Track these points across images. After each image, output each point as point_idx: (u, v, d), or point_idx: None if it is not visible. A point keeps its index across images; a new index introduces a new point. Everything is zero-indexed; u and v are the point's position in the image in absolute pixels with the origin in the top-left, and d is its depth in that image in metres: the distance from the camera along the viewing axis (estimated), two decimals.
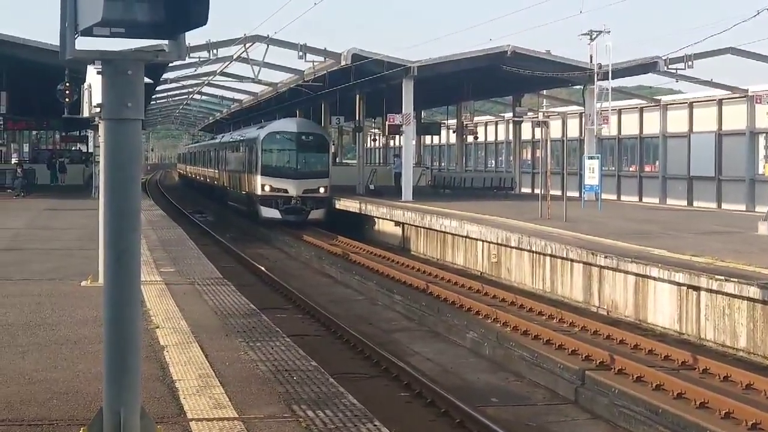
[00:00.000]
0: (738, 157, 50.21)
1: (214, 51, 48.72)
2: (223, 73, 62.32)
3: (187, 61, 48.35)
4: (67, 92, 39.90)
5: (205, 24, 5.76)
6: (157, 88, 64.30)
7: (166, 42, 6.13)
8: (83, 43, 5.96)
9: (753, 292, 19.85)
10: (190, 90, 79.41)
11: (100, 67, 6.25)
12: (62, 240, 29.24)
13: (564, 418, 16.88)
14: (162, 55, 6.24)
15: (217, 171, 70.93)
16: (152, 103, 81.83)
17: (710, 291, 21.45)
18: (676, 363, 19.16)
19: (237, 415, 10.16)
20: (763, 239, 29.04)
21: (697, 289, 21.92)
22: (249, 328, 15.41)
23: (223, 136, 75.92)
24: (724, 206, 49.62)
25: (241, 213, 56.97)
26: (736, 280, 20.47)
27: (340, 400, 10.99)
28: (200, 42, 47.58)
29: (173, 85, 69.95)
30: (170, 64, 45.76)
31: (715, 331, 21.55)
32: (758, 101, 39.74)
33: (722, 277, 20.88)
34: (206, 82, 69.95)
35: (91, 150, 62.30)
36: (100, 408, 6.62)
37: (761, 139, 48.00)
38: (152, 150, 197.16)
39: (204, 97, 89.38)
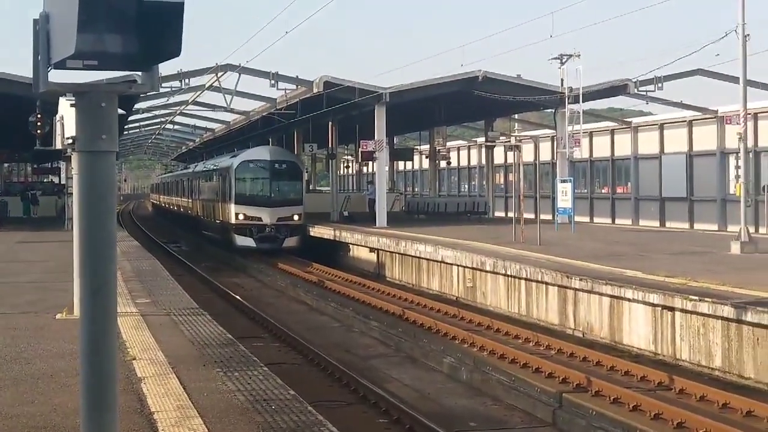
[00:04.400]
0: (709, 178, 50.49)
1: (186, 80, 48.69)
2: (195, 102, 62.33)
3: (159, 91, 48.31)
4: (38, 124, 39.73)
5: (178, 55, 5.77)
6: (129, 118, 64.21)
7: (138, 73, 6.14)
8: (56, 76, 5.96)
9: (727, 311, 19.93)
10: (163, 120, 79.33)
11: (73, 99, 6.25)
12: (36, 273, 29.12)
13: None
14: (135, 86, 6.24)
15: (190, 200, 70.85)
16: (124, 133, 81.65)
17: (685, 311, 21.51)
18: (652, 384, 19.22)
19: None
20: (735, 259, 29.19)
21: (671, 309, 21.99)
22: (226, 357, 15.38)
23: (196, 166, 75.86)
24: (697, 226, 49.87)
25: (216, 242, 56.89)
26: (710, 299, 20.54)
27: (319, 429, 10.97)
28: (172, 72, 47.54)
29: (145, 115, 69.91)
30: (141, 95, 45.68)
31: (690, 351, 21.62)
32: (728, 122, 40.06)
33: (696, 297, 20.96)
34: (178, 111, 69.91)
35: (63, 182, 62.14)
36: None
37: (732, 159, 48.21)
38: (125, 180, 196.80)
39: (176, 127, 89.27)
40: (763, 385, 19.31)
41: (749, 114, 36.35)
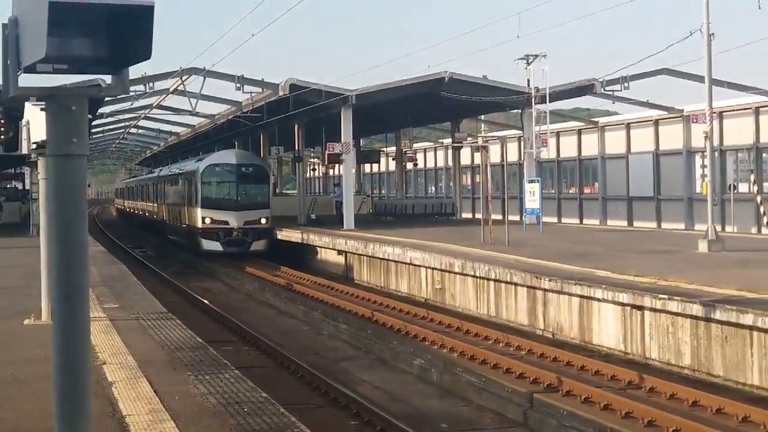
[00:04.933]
0: (676, 177, 50.71)
1: (150, 84, 48.49)
2: (159, 106, 62.04)
3: (130, 93, 48.13)
4: (2, 129, 39.45)
5: (148, 58, 5.74)
6: (94, 123, 63.94)
7: (103, 77, 6.11)
8: (25, 80, 5.93)
9: (696, 309, 20.01)
10: (127, 124, 78.98)
11: (42, 103, 6.21)
12: (2, 279, 28.94)
13: None
14: (106, 90, 6.21)
15: (156, 205, 70.64)
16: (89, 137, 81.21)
17: (654, 310, 21.59)
18: (622, 383, 19.27)
19: None
20: (703, 257, 29.33)
21: (641, 308, 22.05)
22: (196, 361, 15.34)
23: (161, 170, 75.69)
24: (664, 225, 50.07)
25: (182, 246, 56.72)
26: (679, 298, 20.62)
27: (292, 430, 10.95)
28: (136, 76, 47.28)
29: (109, 119, 69.58)
30: (107, 99, 45.52)
31: (659, 350, 21.69)
32: (694, 120, 40.23)
33: (665, 296, 21.03)
34: (143, 115, 69.61)
35: (27, 187, 61.80)
36: None
37: (698, 158, 48.49)
38: (89, 185, 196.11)
39: (141, 131, 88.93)
40: (732, 382, 19.40)
41: (715, 113, 36.55)
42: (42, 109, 6.41)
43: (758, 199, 32.19)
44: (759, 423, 15.69)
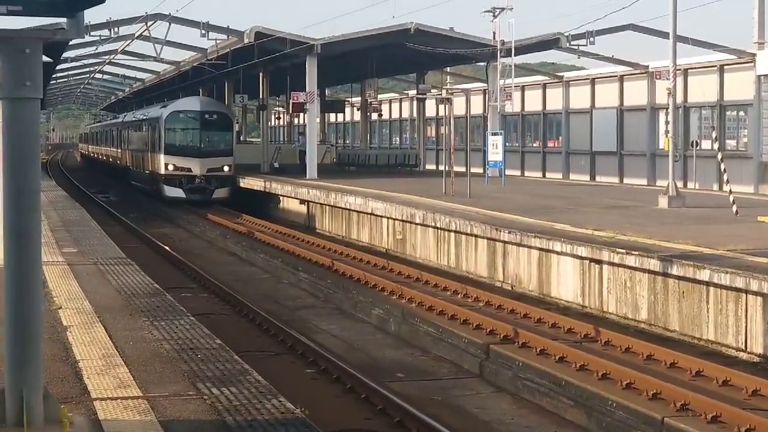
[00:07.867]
0: (639, 132, 50.92)
1: (115, 29, 48.11)
2: (124, 52, 61.60)
3: (88, 39, 47.81)
4: None
5: (103, 1, 5.71)
6: (57, 67, 63.45)
7: (64, 20, 6.07)
8: None
9: (653, 264, 20.15)
10: (91, 69, 78.42)
11: None
12: None
13: (469, 392, 17.01)
14: (60, 33, 6.18)
15: (120, 150, 70.35)
16: (52, 82, 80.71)
17: (612, 264, 21.71)
18: (579, 335, 19.36)
19: (141, 394, 10.13)
20: (663, 213, 29.49)
21: (599, 262, 22.18)
22: (153, 307, 15.34)
23: (125, 116, 75.28)
24: (626, 181, 50.30)
25: (145, 193, 56.59)
26: (637, 253, 20.75)
27: (245, 377, 10.99)
28: (101, 20, 46.98)
29: (74, 64, 69.03)
30: (70, 43, 45.18)
31: (617, 304, 21.85)
32: (658, 77, 40.44)
33: (624, 251, 21.15)
34: (107, 60, 69.12)
35: None
36: (2, 389, 6.57)
37: (661, 115, 48.64)
38: (53, 130, 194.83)
39: (106, 76, 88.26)
40: (687, 337, 19.58)
41: (679, 70, 36.73)
42: None
43: (719, 156, 32.34)
44: (712, 377, 15.83)
